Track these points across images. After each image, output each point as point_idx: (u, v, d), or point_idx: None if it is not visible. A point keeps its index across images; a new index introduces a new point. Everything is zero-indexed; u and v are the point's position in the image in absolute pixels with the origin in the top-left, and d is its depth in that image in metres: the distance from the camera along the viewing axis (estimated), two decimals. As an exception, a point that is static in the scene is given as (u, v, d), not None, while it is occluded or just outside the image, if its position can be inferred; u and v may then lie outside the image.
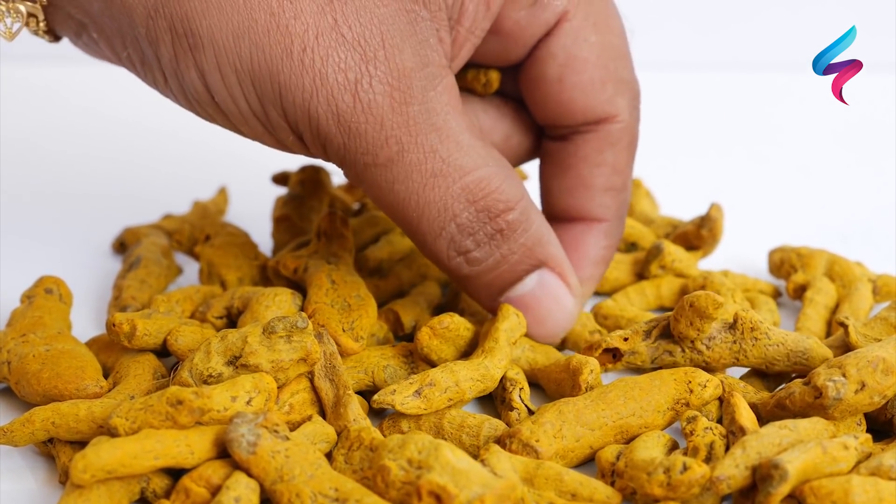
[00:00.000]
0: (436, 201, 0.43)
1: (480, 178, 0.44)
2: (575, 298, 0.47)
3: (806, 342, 0.45)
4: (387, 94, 0.42)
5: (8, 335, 0.47)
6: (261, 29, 0.42)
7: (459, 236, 0.44)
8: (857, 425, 0.42)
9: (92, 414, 0.41)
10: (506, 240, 0.45)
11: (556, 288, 0.46)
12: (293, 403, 0.43)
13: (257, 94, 0.43)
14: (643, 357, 0.46)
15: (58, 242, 0.61)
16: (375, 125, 0.42)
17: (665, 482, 0.39)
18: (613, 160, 0.48)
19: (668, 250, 0.54)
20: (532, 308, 0.46)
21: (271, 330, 0.42)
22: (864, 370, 0.41)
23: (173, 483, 0.40)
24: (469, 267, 0.45)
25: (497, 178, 0.44)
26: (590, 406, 0.42)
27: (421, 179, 0.43)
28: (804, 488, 0.38)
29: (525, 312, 0.46)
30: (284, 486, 0.38)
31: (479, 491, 0.36)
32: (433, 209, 0.44)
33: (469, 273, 0.45)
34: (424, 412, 0.43)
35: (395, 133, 0.42)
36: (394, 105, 0.42)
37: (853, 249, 0.58)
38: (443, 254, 0.45)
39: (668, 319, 0.45)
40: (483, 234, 0.44)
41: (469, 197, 0.44)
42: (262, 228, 0.60)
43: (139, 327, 0.45)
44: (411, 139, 0.43)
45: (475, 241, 0.44)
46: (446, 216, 0.44)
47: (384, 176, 0.43)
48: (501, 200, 0.44)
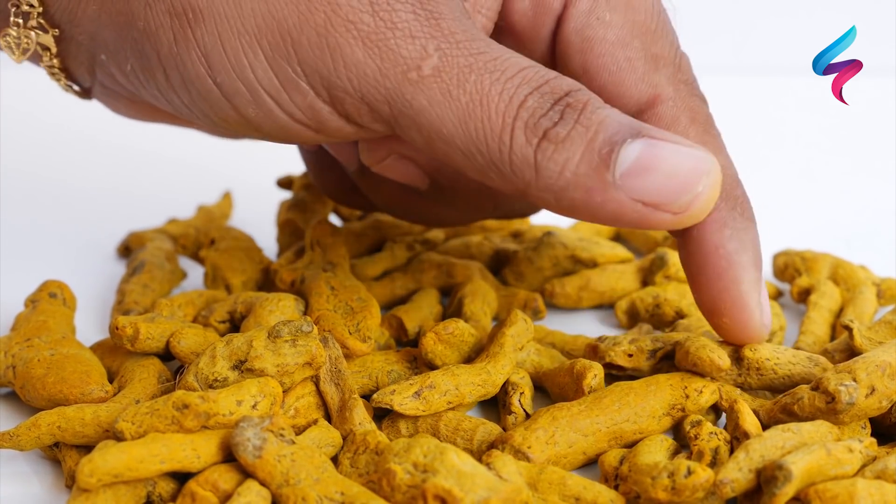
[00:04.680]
0: (499, 94, 0.40)
1: (536, 70, 0.40)
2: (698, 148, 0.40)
3: (812, 372, 0.44)
4: (409, 11, 0.40)
5: (12, 339, 0.47)
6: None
7: (533, 118, 0.40)
8: (862, 429, 0.42)
9: (98, 418, 0.42)
10: (584, 111, 0.40)
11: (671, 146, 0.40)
12: (299, 407, 0.43)
13: (266, 55, 0.41)
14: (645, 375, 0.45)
15: (63, 246, 0.61)
16: (406, 38, 0.40)
17: (669, 486, 0.39)
18: None
19: (672, 260, 0.55)
20: (655, 165, 0.39)
21: (276, 334, 0.42)
22: (874, 374, 0.41)
23: (179, 487, 0.40)
24: (555, 150, 0.40)
25: (550, 72, 0.41)
26: (584, 412, 0.42)
27: (477, 79, 0.40)
28: (809, 491, 0.38)
29: (649, 175, 0.39)
30: (290, 489, 0.38)
31: (484, 494, 0.36)
32: (500, 101, 0.40)
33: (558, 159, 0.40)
34: (423, 414, 0.43)
35: (432, 41, 0.40)
36: (420, 19, 0.40)
37: (857, 253, 0.58)
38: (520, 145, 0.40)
39: (674, 346, 0.45)
40: (557, 111, 0.40)
41: (532, 83, 0.40)
42: (267, 232, 0.60)
43: (142, 331, 0.46)
44: (452, 45, 0.40)
45: (551, 120, 0.40)
46: (514, 104, 0.40)
47: (437, 88, 0.40)
48: (562, 85, 0.40)
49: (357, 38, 0.40)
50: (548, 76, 0.40)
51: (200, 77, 0.42)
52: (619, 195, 0.39)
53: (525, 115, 0.40)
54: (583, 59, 0.44)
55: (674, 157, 0.39)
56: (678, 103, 0.44)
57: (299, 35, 0.40)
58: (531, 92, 0.40)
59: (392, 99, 0.40)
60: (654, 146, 0.39)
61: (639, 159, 0.39)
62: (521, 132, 0.40)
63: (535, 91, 0.40)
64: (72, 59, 0.45)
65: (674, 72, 0.45)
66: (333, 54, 0.40)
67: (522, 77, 0.40)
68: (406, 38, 0.40)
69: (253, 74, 0.41)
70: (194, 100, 0.43)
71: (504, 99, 0.40)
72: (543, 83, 0.40)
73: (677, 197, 0.40)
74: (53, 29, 0.44)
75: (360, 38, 0.40)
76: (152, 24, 0.41)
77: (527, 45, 0.45)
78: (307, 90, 0.41)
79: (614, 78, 0.44)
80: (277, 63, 0.41)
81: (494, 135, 0.40)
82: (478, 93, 0.40)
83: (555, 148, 0.40)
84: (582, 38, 0.44)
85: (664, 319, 0.52)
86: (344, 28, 0.40)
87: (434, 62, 0.40)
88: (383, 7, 0.40)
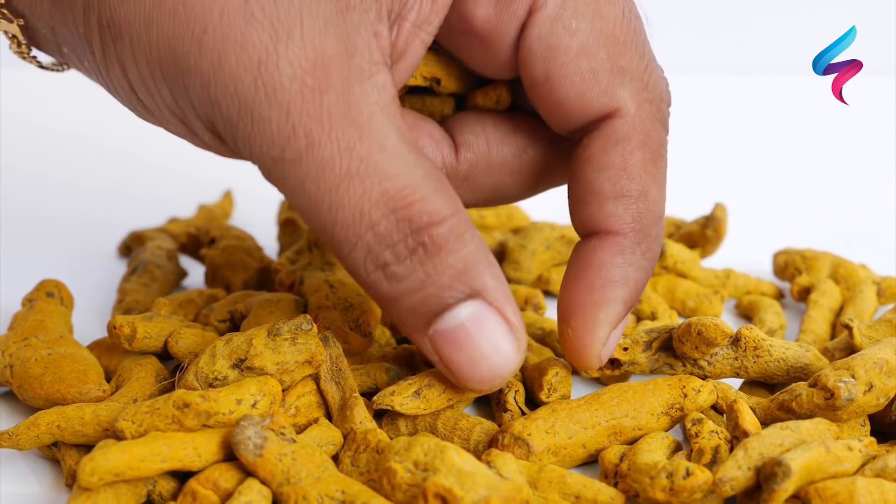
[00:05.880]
0: (351, 205, 0.38)
1: (404, 185, 0.39)
2: (515, 342, 0.41)
3: (805, 357, 0.45)
4: (296, 79, 0.38)
5: (10, 339, 0.47)
6: (167, 12, 0.39)
7: (377, 247, 0.39)
8: (861, 427, 0.43)
9: (97, 417, 0.42)
10: (430, 257, 0.39)
11: (492, 324, 0.40)
12: (299, 406, 0.43)
13: (168, 84, 0.39)
14: (642, 367, 0.46)
15: (64, 246, 0.61)
16: (281, 112, 0.38)
17: (668, 487, 0.39)
18: (622, 161, 0.43)
19: (670, 251, 0.55)
20: (464, 345, 0.40)
21: (276, 332, 0.42)
22: (872, 371, 0.42)
23: (180, 486, 0.40)
24: (389, 284, 0.39)
25: (424, 189, 0.39)
26: (583, 406, 0.43)
27: (334, 179, 0.38)
28: (809, 489, 0.38)
29: (456, 349, 0.40)
30: (291, 488, 0.38)
31: (484, 493, 0.36)
32: (348, 214, 0.38)
33: (390, 292, 0.40)
34: (423, 412, 0.43)
35: (304, 123, 0.38)
36: (304, 91, 0.38)
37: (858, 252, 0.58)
38: (360, 266, 0.39)
39: (669, 332, 0.45)
40: (404, 247, 0.39)
41: (389, 204, 0.39)
42: (268, 232, 0.60)
43: (140, 330, 0.46)
44: (324, 132, 0.38)
45: (395, 254, 0.39)
46: (363, 223, 0.39)
47: (293, 173, 0.38)
48: (426, 213, 0.39)
49: (234, 100, 0.38)
50: (412, 197, 0.39)
51: (125, 89, 0.41)
52: (425, 343, 0.41)
53: (370, 240, 0.39)
54: (545, 67, 0.42)
55: (484, 346, 0.40)
56: (636, 124, 0.43)
57: (189, 78, 0.39)
58: (386, 213, 0.39)
59: (260, 164, 0.40)
60: (477, 321, 0.40)
61: (455, 330, 0.40)
62: (361, 255, 0.39)
63: (391, 213, 0.39)
64: (43, 46, 0.45)
65: (640, 88, 0.43)
66: (214, 109, 0.39)
67: (383, 192, 0.39)
68: (280, 113, 0.38)
69: (160, 96, 0.40)
70: (125, 104, 0.42)
71: (354, 213, 0.39)
72: (406, 206, 0.39)
73: (468, 377, 0.41)
74: (18, 19, 0.43)
75: (236, 100, 0.38)
76: (87, 30, 0.41)
77: (490, 49, 0.43)
78: (202, 127, 0.40)
79: (575, 89, 0.42)
80: (176, 92, 0.40)
81: (337, 241, 0.39)
82: (329, 195, 0.38)
83: (389, 287, 0.40)
84: (545, 45, 0.42)
85: (640, 315, 0.53)
86: (224, 85, 0.38)
87: (299, 147, 0.38)
88: (269, 70, 0.38)
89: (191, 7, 0.38)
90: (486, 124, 0.45)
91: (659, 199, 0.43)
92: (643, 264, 0.43)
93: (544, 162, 0.45)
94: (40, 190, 0.69)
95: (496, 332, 0.40)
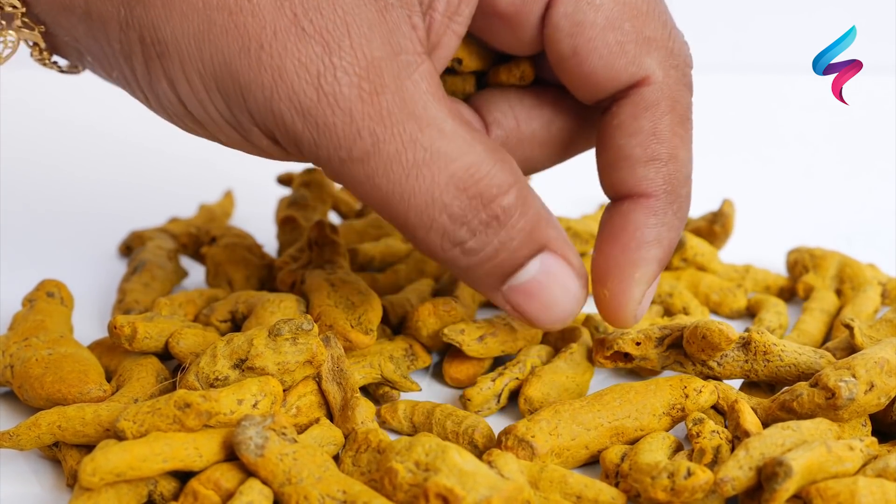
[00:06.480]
0: (422, 192, 0.41)
1: (469, 164, 0.41)
2: (580, 281, 0.44)
3: (818, 364, 0.45)
4: (354, 85, 0.40)
5: (10, 339, 0.47)
6: (218, 30, 0.40)
7: (452, 227, 0.42)
8: (863, 427, 0.43)
9: (98, 417, 0.42)
10: (503, 226, 0.42)
11: (560, 271, 0.43)
12: (300, 406, 0.43)
13: (224, 98, 0.41)
14: (654, 363, 0.46)
15: (64, 246, 0.61)
16: (344, 118, 0.40)
17: (669, 487, 0.39)
18: (652, 127, 0.44)
19: (690, 244, 0.55)
20: (537, 295, 0.43)
21: (277, 332, 0.42)
22: (873, 371, 0.42)
23: (181, 486, 0.40)
24: (466, 258, 0.42)
25: (486, 164, 0.41)
26: (585, 407, 0.43)
27: (403, 171, 0.41)
28: (811, 489, 0.38)
29: (529, 299, 0.43)
30: (292, 488, 0.38)
31: (486, 493, 0.36)
32: (420, 201, 0.41)
33: (468, 264, 0.43)
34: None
35: (367, 124, 0.40)
36: (363, 95, 0.40)
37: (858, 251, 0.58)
38: (436, 246, 0.42)
39: (681, 331, 0.45)
40: (478, 222, 0.42)
41: (458, 185, 0.41)
42: (269, 231, 0.60)
43: (140, 330, 0.46)
44: (386, 129, 0.40)
45: (470, 231, 0.42)
46: (436, 207, 0.41)
47: (363, 171, 0.41)
48: (494, 185, 0.41)
49: (298, 112, 0.40)
50: (478, 174, 0.41)
51: (173, 103, 0.42)
52: (499, 297, 0.44)
53: (444, 221, 0.41)
54: (573, 42, 0.44)
55: (555, 292, 0.43)
56: (663, 90, 0.45)
57: (248, 93, 0.41)
58: (457, 194, 0.41)
59: (328, 166, 0.42)
60: (548, 272, 0.43)
61: (528, 283, 0.43)
62: (437, 236, 0.42)
63: (461, 193, 0.41)
64: (62, 52, 0.45)
65: (665, 55, 0.45)
66: (276, 119, 0.41)
67: (451, 175, 0.41)
68: (344, 118, 0.40)
69: (215, 108, 0.42)
70: (171, 117, 0.43)
71: (426, 200, 0.41)
72: (474, 183, 0.41)
73: (542, 320, 0.44)
74: (39, 26, 0.44)
75: (300, 111, 0.40)
76: (126, 47, 0.42)
77: (515, 29, 0.45)
78: (261, 136, 0.42)
79: (604, 62, 0.44)
80: (232, 105, 0.41)
81: (411, 226, 0.42)
82: (400, 186, 0.41)
83: (466, 260, 0.42)
84: (572, 22, 0.44)
85: (671, 310, 0.53)
86: (287, 98, 0.40)
87: (365, 146, 0.40)
88: (328, 80, 0.40)
89: (242, 25, 0.40)
90: (511, 101, 0.47)
91: (687, 160, 0.45)
92: (675, 223, 0.45)
93: (570, 131, 0.47)
94: (41, 190, 0.69)
95: (564, 276, 0.43)
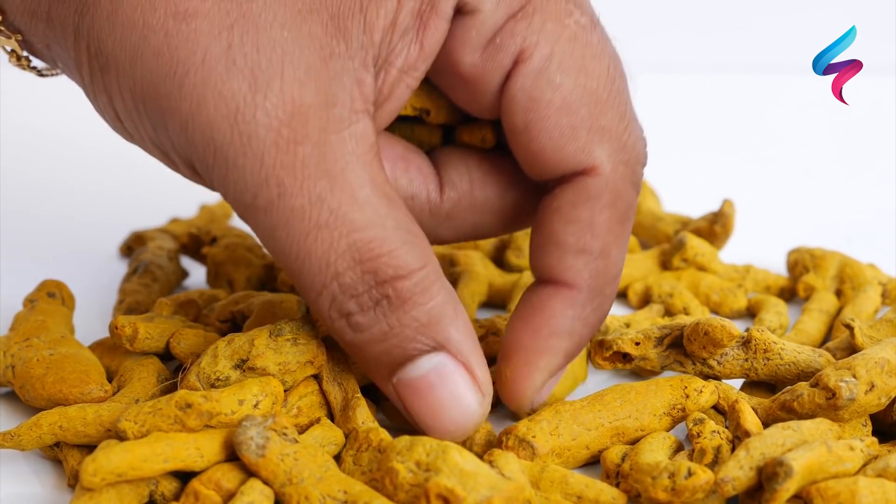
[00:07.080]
0: (318, 255, 0.39)
1: (372, 237, 0.39)
2: (477, 395, 0.41)
3: (817, 362, 0.45)
4: (272, 129, 0.38)
5: (11, 339, 0.47)
6: (151, 51, 0.39)
7: (342, 296, 0.40)
8: (863, 427, 0.43)
9: (99, 417, 0.42)
10: (394, 309, 0.40)
11: (453, 377, 0.41)
12: (301, 406, 0.43)
13: (150, 119, 0.40)
14: (653, 363, 0.46)
15: (65, 246, 0.61)
16: (255, 162, 0.38)
17: (669, 487, 0.39)
18: (589, 218, 0.42)
19: (690, 244, 0.55)
20: (425, 396, 0.41)
21: (278, 333, 0.42)
22: (873, 371, 0.42)
23: (182, 486, 0.40)
24: (353, 333, 0.40)
25: (392, 242, 0.39)
26: (586, 407, 0.43)
27: (304, 229, 0.39)
28: (811, 489, 0.38)
29: (418, 399, 0.41)
30: (293, 488, 0.38)
31: (487, 493, 0.36)
32: (315, 263, 0.39)
33: (353, 340, 0.40)
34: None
35: (276, 173, 0.38)
36: (279, 142, 0.38)
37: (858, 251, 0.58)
38: (325, 313, 0.40)
39: (681, 330, 0.45)
40: (368, 297, 0.40)
41: (356, 256, 0.39)
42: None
43: (141, 330, 0.46)
44: (296, 182, 0.39)
45: (358, 304, 0.40)
46: (328, 273, 0.39)
47: (265, 220, 0.39)
48: (392, 266, 0.39)
49: (210, 146, 0.39)
50: (379, 250, 0.39)
51: (112, 117, 0.42)
52: (390, 389, 0.41)
53: (334, 289, 0.40)
54: (526, 117, 0.42)
55: (446, 398, 0.41)
56: (608, 183, 0.43)
57: (169, 117, 0.39)
58: (352, 265, 0.39)
59: (232, 205, 0.40)
60: (440, 374, 0.41)
61: (418, 381, 0.41)
62: (326, 302, 0.40)
63: (357, 265, 0.39)
64: (41, 58, 0.45)
65: (617, 148, 0.43)
66: (192, 149, 0.40)
67: (350, 244, 0.39)
68: (255, 162, 0.39)
69: (143, 129, 0.41)
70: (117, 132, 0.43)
71: (321, 263, 0.39)
72: (372, 258, 0.39)
73: (430, 426, 0.41)
74: (15, 34, 0.44)
75: (212, 146, 0.39)
76: (78, 56, 0.41)
77: (475, 92, 0.43)
78: (181, 162, 0.41)
79: (554, 143, 0.42)
80: (157, 128, 0.40)
81: (303, 286, 0.40)
82: (297, 245, 0.39)
83: (352, 335, 0.40)
84: (528, 97, 0.42)
85: (672, 310, 0.53)
86: (201, 131, 0.39)
87: (270, 196, 0.39)
88: (245, 119, 0.39)
89: (174, 48, 0.39)
90: (470, 164, 0.45)
91: (619, 259, 0.44)
92: (592, 321, 0.43)
93: (524, 205, 0.45)
94: (41, 190, 0.69)
95: (459, 384, 0.41)
